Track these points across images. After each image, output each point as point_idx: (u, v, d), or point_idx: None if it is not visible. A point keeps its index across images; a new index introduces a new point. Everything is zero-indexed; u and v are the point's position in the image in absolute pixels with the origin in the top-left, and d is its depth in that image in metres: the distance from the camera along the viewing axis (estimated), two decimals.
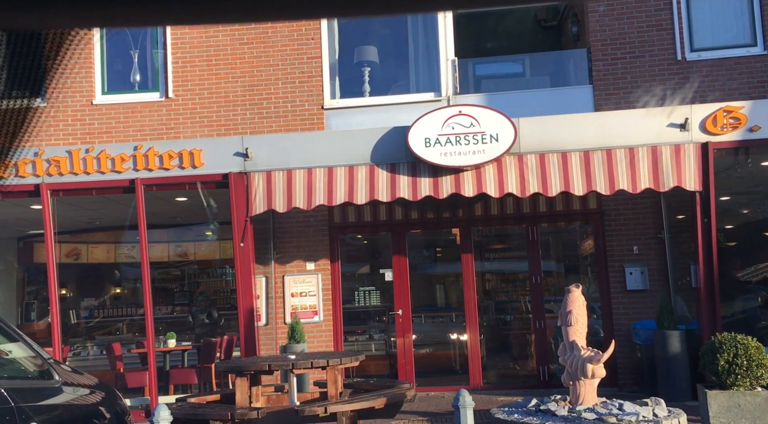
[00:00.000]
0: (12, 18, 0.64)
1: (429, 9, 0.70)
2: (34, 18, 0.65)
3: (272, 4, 0.65)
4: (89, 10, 0.64)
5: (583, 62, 9.89)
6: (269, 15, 0.69)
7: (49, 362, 3.27)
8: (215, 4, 0.63)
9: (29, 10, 0.63)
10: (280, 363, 6.18)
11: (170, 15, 0.67)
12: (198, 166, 8.93)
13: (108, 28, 0.72)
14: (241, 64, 10.16)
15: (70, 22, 0.70)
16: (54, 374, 3.14)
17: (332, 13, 0.74)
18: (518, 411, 7.09)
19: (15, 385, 2.86)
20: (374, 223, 10.12)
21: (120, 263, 13.56)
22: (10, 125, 0.84)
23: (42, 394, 3.02)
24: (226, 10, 0.65)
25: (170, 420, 4.92)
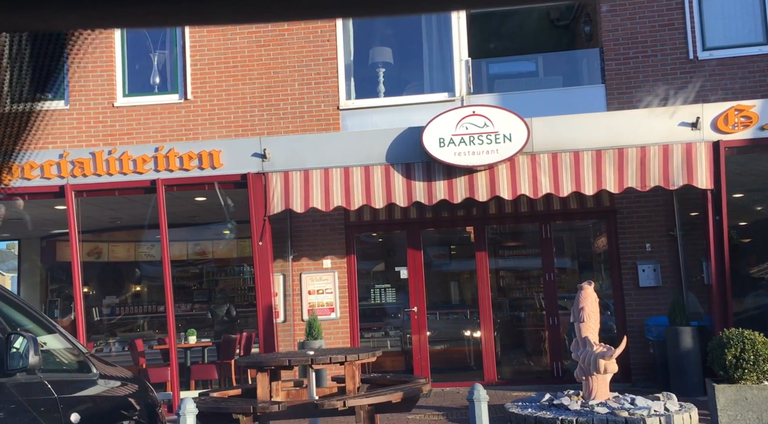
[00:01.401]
0: (13, 19, 0.64)
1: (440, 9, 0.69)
2: (36, 19, 0.64)
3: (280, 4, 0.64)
4: (96, 10, 0.64)
5: (596, 62, 9.99)
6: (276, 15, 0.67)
7: (86, 354, 3.47)
8: (219, 5, 0.62)
9: (30, 10, 0.62)
10: (300, 359, 6.36)
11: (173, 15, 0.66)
12: (217, 167, 9.14)
13: (114, 28, 0.69)
14: (258, 66, 10.36)
15: (74, 23, 0.68)
16: (91, 366, 3.34)
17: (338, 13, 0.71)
18: (532, 406, 7.24)
19: (56, 377, 3.06)
20: (389, 222, 10.29)
21: (140, 262, 13.83)
22: (14, 127, 0.82)
23: (81, 386, 3.21)
24: (231, 10, 0.64)
25: (195, 413, 5.13)
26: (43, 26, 0.69)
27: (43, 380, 2.89)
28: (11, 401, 2.72)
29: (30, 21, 0.65)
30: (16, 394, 2.74)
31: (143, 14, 0.64)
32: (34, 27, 0.69)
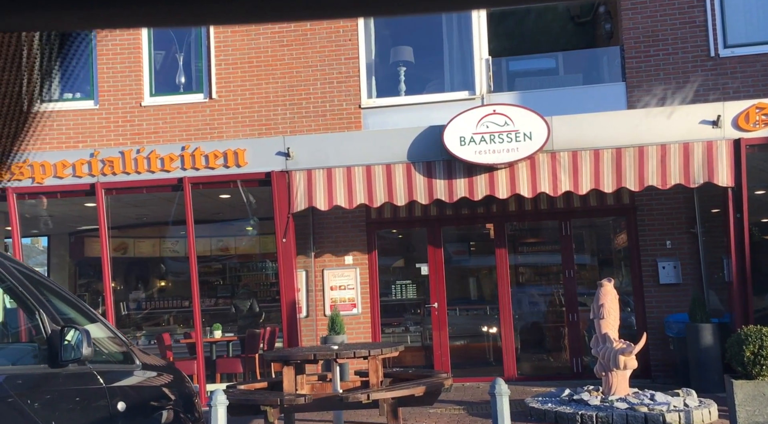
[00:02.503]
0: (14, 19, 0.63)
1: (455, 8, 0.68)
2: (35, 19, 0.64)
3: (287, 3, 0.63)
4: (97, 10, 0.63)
5: (616, 59, 10.03)
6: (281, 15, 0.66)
7: (128, 344, 3.66)
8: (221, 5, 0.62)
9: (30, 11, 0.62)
10: (325, 353, 6.54)
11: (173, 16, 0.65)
12: (242, 165, 9.33)
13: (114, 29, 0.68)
14: (281, 66, 10.53)
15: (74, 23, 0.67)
16: (134, 357, 3.53)
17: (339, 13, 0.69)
18: (552, 400, 7.36)
19: (104, 368, 3.24)
20: (410, 219, 10.43)
21: (165, 257, 14.11)
22: (12, 127, 0.80)
23: (126, 376, 3.40)
24: (232, 10, 0.63)
25: (226, 404, 5.32)
26: (43, 27, 0.68)
27: (92, 371, 3.08)
28: (65, 389, 2.90)
29: (30, 21, 0.64)
30: (69, 383, 2.93)
31: (144, 15, 0.63)
32: (34, 27, 0.68)
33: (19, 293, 2.89)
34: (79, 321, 3.22)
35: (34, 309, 2.89)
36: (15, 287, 2.87)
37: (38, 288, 3.01)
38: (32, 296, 2.92)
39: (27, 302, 2.90)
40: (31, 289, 2.93)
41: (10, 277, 2.85)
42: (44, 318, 2.88)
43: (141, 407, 3.35)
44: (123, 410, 3.15)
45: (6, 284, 2.88)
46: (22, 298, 2.90)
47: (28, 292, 2.91)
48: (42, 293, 3.00)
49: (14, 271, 2.91)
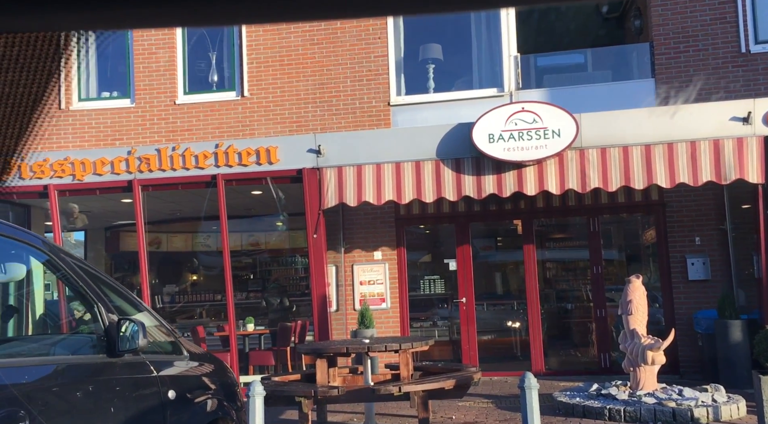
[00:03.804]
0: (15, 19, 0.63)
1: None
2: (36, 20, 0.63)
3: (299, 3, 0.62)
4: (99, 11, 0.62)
5: (646, 56, 10.03)
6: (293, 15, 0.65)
7: (174, 334, 3.85)
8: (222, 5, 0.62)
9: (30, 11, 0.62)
10: (357, 346, 6.70)
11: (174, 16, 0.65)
12: (274, 163, 9.54)
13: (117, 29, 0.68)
14: (311, 64, 10.70)
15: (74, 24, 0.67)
16: (182, 347, 3.73)
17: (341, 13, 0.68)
18: (580, 395, 7.45)
19: (155, 358, 3.44)
20: (438, 215, 10.55)
21: (197, 252, 14.41)
22: (16, 126, 0.80)
23: (175, 365, 3.59)
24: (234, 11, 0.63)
25: (263, 395, 5.52)
26: (44, 27, 0.68)
27: (145, 360, 3.27)
28: (122, 378, 3.11)
29: (31, 22, 0.64)
30: (125, 372, 3.13)
31: (146, 16, 0.63)
32: (35, 28, 0.68)
33: (78, 287, 3.09)
34: (125, 309, 3.42)
35: (93, 303, 3.09)
36: (75, 282, 3.07)
37: (95, 282, 3.21)
38: (91, 290, 3.12)
39: (86, 296, 3.10)
40: (90, 283, 3.14)
41: (71, 272, 3.06)
42: (102, 311, 3.08)
43: (189, 396, 3.54)
44: (173, 398, 3.35)
45: (67, 278, 3.08)
46: (82, 292, 3.10)
47: (87, 286, 3.11)
48: (99, 287, 3.20)
49: (74, 266, 3.12)
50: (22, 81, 0.77)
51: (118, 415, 2.96)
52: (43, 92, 0.79)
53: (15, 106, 0.79)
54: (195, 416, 3.56)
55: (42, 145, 4.23)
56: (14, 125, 0.81)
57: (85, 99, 11.01)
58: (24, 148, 0.84)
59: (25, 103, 0.79)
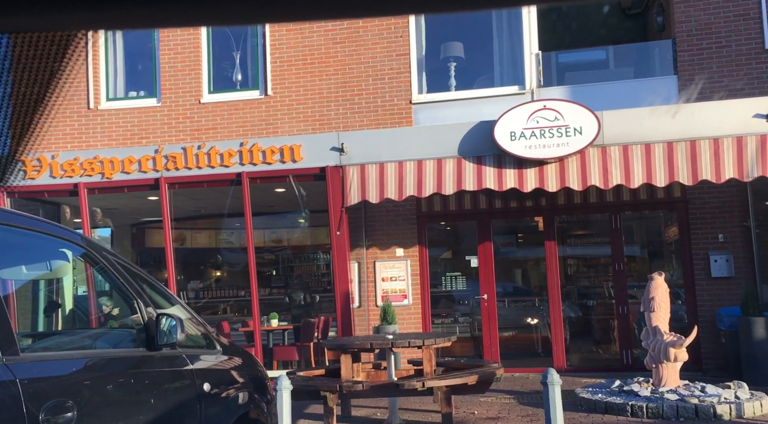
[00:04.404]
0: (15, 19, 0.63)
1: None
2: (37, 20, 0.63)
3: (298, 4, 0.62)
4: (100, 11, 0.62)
5: (668, 52, 10.00)
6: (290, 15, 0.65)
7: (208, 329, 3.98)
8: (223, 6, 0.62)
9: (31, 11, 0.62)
10: (381, 342, 6.81)
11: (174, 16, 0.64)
12: (297, 161, 9.67)
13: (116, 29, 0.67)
14: (334, 63, 10.81)
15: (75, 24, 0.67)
16: (215, 342, 3.86)
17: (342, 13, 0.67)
18: (602, 391, 7.50)
19: (191, 352, 3.57)
20: (460, 212, 10.62)
21: (221, 248, 14.62)
22: (18, 126, 0.80)
23: (210, 359, 3.72)
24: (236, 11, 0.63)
25: (290, 389, 5.65)
26: (45, 27, 0.68)
27: (181, 354, 3.40)
28: (160, 371, 3.24)
29: (32, 22, 0.64)
30: (163, 365, 3.26)
31: (146, 15, 0.63)
32: (35, 28, 0.68)
33: (119, 283, 3.23)
34: (159, 303, 3.54)
35: (133, 298, 3.23)
36: (116, 278, 3.21)
37: (134, 278, 3.34)
38: (131, 286, 3.25)
39: (127, 291, 3.24)
40: (129, 279, 3.27)
41: (112, 269, 3.19)
42: (142, 306, 3.22)
43: (222, 388, 3.67)
44: (208, 390, 3.47)
45: (108, 275, 3.22)
46: (122, 288, 3.24)
47: (127, 282, 3.24)
48: (137, 283, 3.34)
49: (115, 263, 3.25)
50: (24, 81, 0.76)
51: (158, 406, 3.09)
52: (45, 92, 0.78)
53: (17, 106, 0.78)
54: (228, 408, 3.68)
55: (71, 144, 4.50)
56: (16, 125, 0.80)
57: (113, 98, 11.22)
58: (26, 148, 0.83)
59: (27, 103, 0.78)
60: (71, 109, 10.94)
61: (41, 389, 2.45)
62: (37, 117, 0.81)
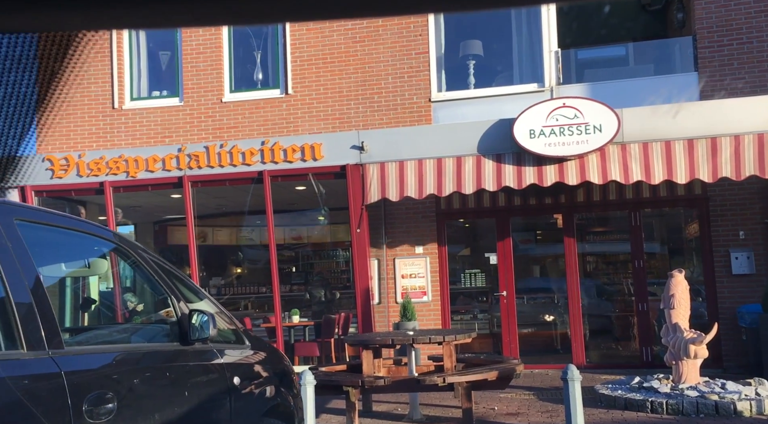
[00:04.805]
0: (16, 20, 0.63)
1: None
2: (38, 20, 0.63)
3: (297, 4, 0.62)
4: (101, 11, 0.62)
5: (688, 49, 9.97)
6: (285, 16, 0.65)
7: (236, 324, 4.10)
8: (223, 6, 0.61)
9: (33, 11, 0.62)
10: (402, 338, 6.91)
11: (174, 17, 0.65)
12: (318, 159, 9.79)
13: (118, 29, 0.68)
14: (353, 61, 10.91)
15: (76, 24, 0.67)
16: (243, 337, 3.97)
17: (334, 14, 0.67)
18: (622, 388, 7.53)
19: (221, 347, 3.69)
20: (479, 209, 10.67)
21: (242, 245, 14.79)
22: (19, 126, 0.80)
23: (239, 354, 3.83)
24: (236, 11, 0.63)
25: (314, 384, 5.76)
26: (45, 28, 0.68)
27: (213, 348, 3.52)
28: (193, 364, 3.36)
29: (32, 22, 0.64)
30: (196, 359, 3.38)
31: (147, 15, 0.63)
32: (36, 28, 0.68)
33: (154, 280, 3.35)
34: (192, 301, 3.66)
35: (167, 294, 3.35)
36: (151, 275, 3.33)
37: (167, 275, 3.46)
38: (164, 283, 3.37)
39: (161, 288, 3.36)
40: (163, 276, 3.39)
41: (146, 266, 3.31)
42: (175, 302, 3.34)
43: (251, 382, 3.78)
44: (237, 384, 3.59)
45: (143, 271, 3.34)
46: (157, 284, 3.36)
47: (161, 279, 3.37)
48: (171, 280, 3.46)
49: (149, 260, 3.37)
50: (25, 81, 0.76)
51: (191, 398, 3.21)
52: (46, 92, 0.78)
53: (18, 106, 0.78)
54: (256, 401, 3.80)
55: (96, 144, 4.67)
56: (17, 125, 0.80)
57: (137, 98, 11.41)
58: (26, 147, 0.80)
59: (28, 103, 0.78)
60: (96, 109, 11.15)
61: (84, 381, 2.57)
62: (37, 117, 0.80)
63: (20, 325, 2.39)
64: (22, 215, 2.63)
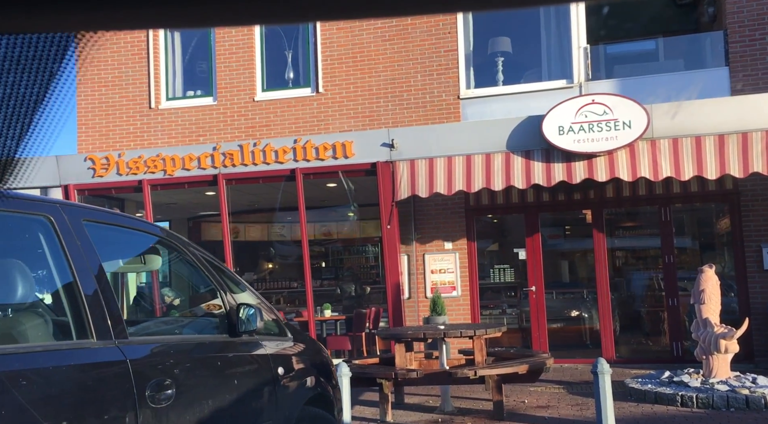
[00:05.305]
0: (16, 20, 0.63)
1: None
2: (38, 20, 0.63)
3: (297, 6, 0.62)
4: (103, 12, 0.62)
5: (719, 44, 9.94)
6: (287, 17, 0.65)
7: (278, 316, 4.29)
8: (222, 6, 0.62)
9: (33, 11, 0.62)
10: (433, 332, 7.06)
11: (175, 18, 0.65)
12: (349, 157, 9.97)
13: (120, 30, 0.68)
14: (383, 60, 11.06)
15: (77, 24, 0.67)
16: (287, 330, 4.16)
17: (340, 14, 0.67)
18: (652, 382, 7.60)
19: (266, 339, 3.88)
20: (507, 205, 10.77)
21: (273, 241, 15.06)
22: (17, 128, 0.79)
23: (282, 345, 4.03)
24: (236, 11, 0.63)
25: (350, 376, 5.95)
26: (46, 28, 0.68)
27: (258, 340, 3.72)
28: (241, 355, 3.56)
29: (33, 22, 0.64)
30: (243, 350, 3.58)
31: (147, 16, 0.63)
32: (36, 28, 0.68)
33: (204, 275, 3.55)
34: (231, 288, 3.84)
35: (217, 288, 3.55)
36: (201, 271, 3.53)
37: (216, 270, 3.66)
38: (213, 278, 3.58)
39: (211, 282, 3.56)
40: (212, 271, 3.59)
41: (198, 263, 3.52)
42: (224, 296, 3.54)
43: (294, 372, 3.97)
44: (281, 373, 3.78)
45: (195, 268, 3.54)
46: (207, 279, 3.56)
47: (210, 274, 3.57)
48: (219, 274, 3.66)
49: (200, 257, 3.58)
50: (24, 82, 0.76)
51: (241, 387, 3.40)
52: (44, 94, 0.78)
53: (17, 108, 0.78)
54: (299, 390, 3.99)
55: (134, 143, 5.00)
56: (16, 127, 0.79)
57: (172, 98, 11.71)
58: (25, 149, 0.81)
59: (27, 104, 0.78)
60: (134, 109, 11.48)
61: (146, 368, 2.77)
62: (36, 119, 0.79)
63: (90, 316, 2.60)
64: (88, 215, 2.85)
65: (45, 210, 2.60)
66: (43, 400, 2.29)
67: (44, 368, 2.35)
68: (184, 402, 2.90)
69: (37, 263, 2.68)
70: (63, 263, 2.60)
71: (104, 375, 2.57)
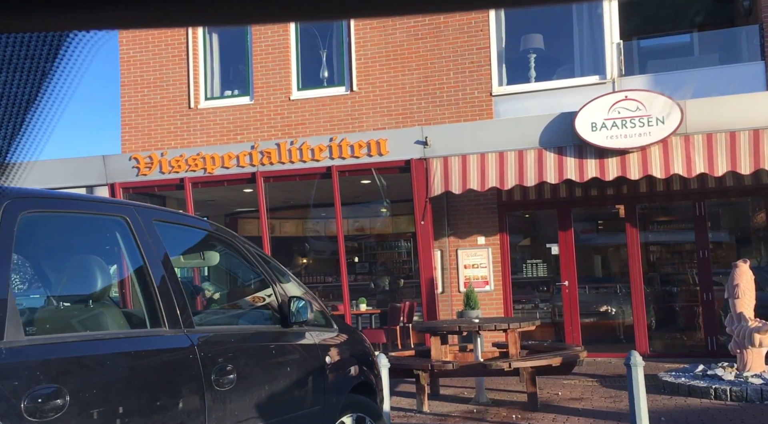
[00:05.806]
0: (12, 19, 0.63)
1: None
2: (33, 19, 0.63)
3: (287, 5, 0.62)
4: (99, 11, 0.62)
5: (755, 38, 9.90)
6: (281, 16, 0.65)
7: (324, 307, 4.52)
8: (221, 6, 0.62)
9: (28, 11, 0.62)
10: (468, 325, 7.25)
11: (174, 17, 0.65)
12: (384, 154, 10.17)
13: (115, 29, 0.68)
14: (416, 58, 11.22)
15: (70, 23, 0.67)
16: (332, 322, 4.39)
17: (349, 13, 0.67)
18: (685, 375, 7.68)
19: (314, 330, 4.11)
20: (540, 200, 10.87)
21: (308, 237, 15.35)
22: (9, 127, 0.78)
23: (328, 336, 4.26)
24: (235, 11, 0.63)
25: (388, 367, 6.17)
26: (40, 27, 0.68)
27: (307, 331, 3.95)
28: (293, 344, 3.79)
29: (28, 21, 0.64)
30: (295, 340, 3.82)
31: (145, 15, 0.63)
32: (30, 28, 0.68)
33: (258, 270, 3.79)
34: (279, 280, 4.05)
35: (270, 283, 3.79)
36: (255, 265, 3.77)
37: (266, 264, 3.90)
38: (267, 273, 3.81)
39: (264, 276, 3.80)
40: (266, 267, 3.83)
41: (253, 259, 3.76)
42: (277, 290, 3.77)
43: (340, 361, 4.20)
44: (329, 362, 4.01)
45: (250, 262, 3.78)
46: (261, 273, 3.80)
47: (264, 270, 3.81)
48: (270, 268, 3.89)
49: (253, 252, 3.82)
50: (15, 81, 0.75)
51: (293, 374, 3.64)
52: (36, 93, 0.77)
53: (8, 107, 0.78)
54: (345, 378, 4.21)
55: (175, 142, 5.40)
56: (7, 126, 0.79)
57: (210, 98, 12.04)
58: (17, 150, 0.81)
59: (18, 104, 0.78)
60: (174, 109, 11.83)
61: (211, 354, 3.02)
62: (28, 119, 0.79)
63: (162, 307, 2.85)
64: (157, 215, 3.10)
65: (122, 211, 2.86)
66: (125, 381, 2.54)
67: (125, 352, 2.60)
68: (244, 386, 3.14)
69: (114, 258, 2.94)
70: (138, 259, 2.85)
71: (176, 359, 2.82)
